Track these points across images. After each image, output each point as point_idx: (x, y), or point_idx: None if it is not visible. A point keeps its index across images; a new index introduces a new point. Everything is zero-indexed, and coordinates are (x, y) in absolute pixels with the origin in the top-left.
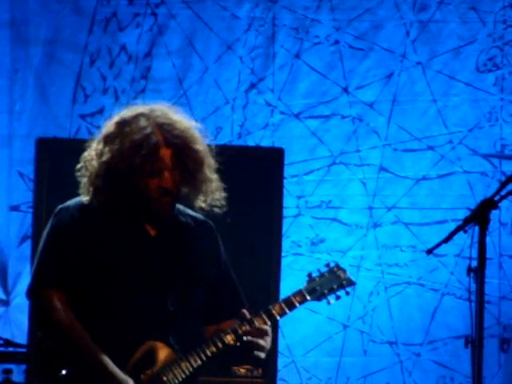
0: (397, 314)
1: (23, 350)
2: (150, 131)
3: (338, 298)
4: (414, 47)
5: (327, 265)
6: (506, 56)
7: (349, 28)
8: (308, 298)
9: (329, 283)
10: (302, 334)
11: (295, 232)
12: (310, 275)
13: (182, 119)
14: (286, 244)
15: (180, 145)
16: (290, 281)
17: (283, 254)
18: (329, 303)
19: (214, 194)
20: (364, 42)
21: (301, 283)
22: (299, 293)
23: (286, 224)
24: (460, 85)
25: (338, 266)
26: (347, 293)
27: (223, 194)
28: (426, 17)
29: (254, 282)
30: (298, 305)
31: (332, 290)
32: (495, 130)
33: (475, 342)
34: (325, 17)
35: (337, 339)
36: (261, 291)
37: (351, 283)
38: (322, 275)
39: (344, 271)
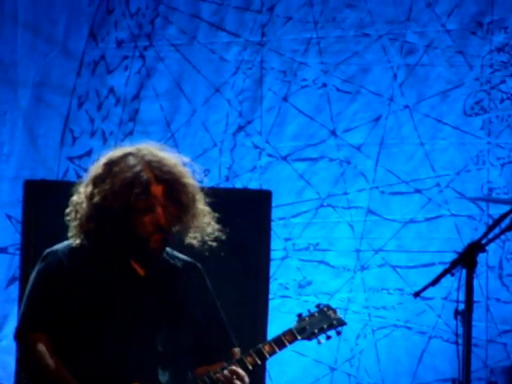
0: (384, 357)
1: None
2: (140, 169)
3: (328, 337)
4: (402, 90)
5: (318, 305)
6: (493, 100)
7: (336, 71)
8: (298, 337)
9: (319, 323)
10: (289, 377)
11: (282, 274)
12: (300, 315)
13: (168, 156)
14: (273, 286)
15: (170, 180)
16: (278, 323)
17: (270, 296)
18: (319, 343)
19: (206, 227)
20: (351, 85)
21: (288, 326)
22: (289, 332)
23: (273, 266)
24: (447, 128)
25: (328, 306)
26: (338, 333)
27: (216, 227)
28: (413, 60)
29: (242, 324)
30: (288, 344)
31: (322, 330)
32: (482, 173)
33: None
34: (312, 60)
35: (324, 382)
36: (248, 334)
37: (342, 323)
38: (312, 315)
39: (334, 311)
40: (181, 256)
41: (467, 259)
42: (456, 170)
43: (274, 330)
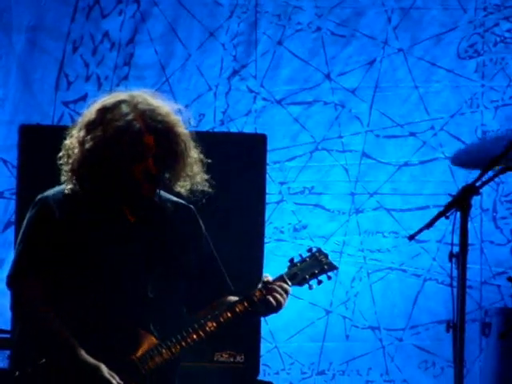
0: (379, 300)
1: (7, 335)
2: (132, 117)
3: (319, 282)
4: (396, 34)
5: (309, 250)
6: (486, 43)
7: (331, 15)
8: (289, 283)
9: (310, 268)
10: (284, 320)
11: (278, 218)
12: (291, 260)
13: (162, 104)
14: (268, 230)
15: (162, 130)
16: (273, 267)
17: (266, 240)
18: (310, 288)
19: (196, 177)
20: (346, 28)
21: (284, 269)
22: (280, 278)
23: (268, 210)
24: (441, 71)
25: (319, 250)
26: (329, 277)
27: (205, 177)
28: (407, 3)
29: (237, 268)
30: None
31: (313, 275)
32: (476, 116)
33: (457, 327)
34: (307, 4)
35: (319, 324)
36: (243, 277)
37: (333, 267)
38: (303, 260)
39: (326, 256)
40: (173, 199)
41: (461, 202)
42: (450, 112)
43: (269, 273)
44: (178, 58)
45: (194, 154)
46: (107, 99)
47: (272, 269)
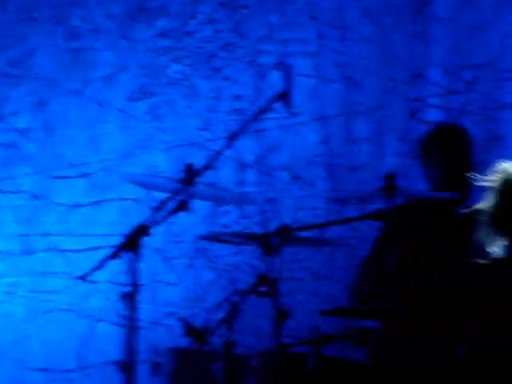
0: (50, 341)
1: None
2: None
3: None
4: (68, 74)
5: None
6: (158, 84)
7: (2, 55)
8: None
9: None
10: None
11: None
12: None
13: None
14: None
15: None
16: None
17: None
18: None
19: None
20: (18, 69)
21: None
22: None
23: None
24: (113, 112)
25: None
26: None
27: None
28: (78, 44)
29: None
30: None
31: None
32: (148, 157)
33: (127, 367)
34: None
35: None
36: None
37: None
38: None
39: None
40: None
41: (132, 242)
42: (122, 153)
43: None
44: None
45: None
46: None
47: None
